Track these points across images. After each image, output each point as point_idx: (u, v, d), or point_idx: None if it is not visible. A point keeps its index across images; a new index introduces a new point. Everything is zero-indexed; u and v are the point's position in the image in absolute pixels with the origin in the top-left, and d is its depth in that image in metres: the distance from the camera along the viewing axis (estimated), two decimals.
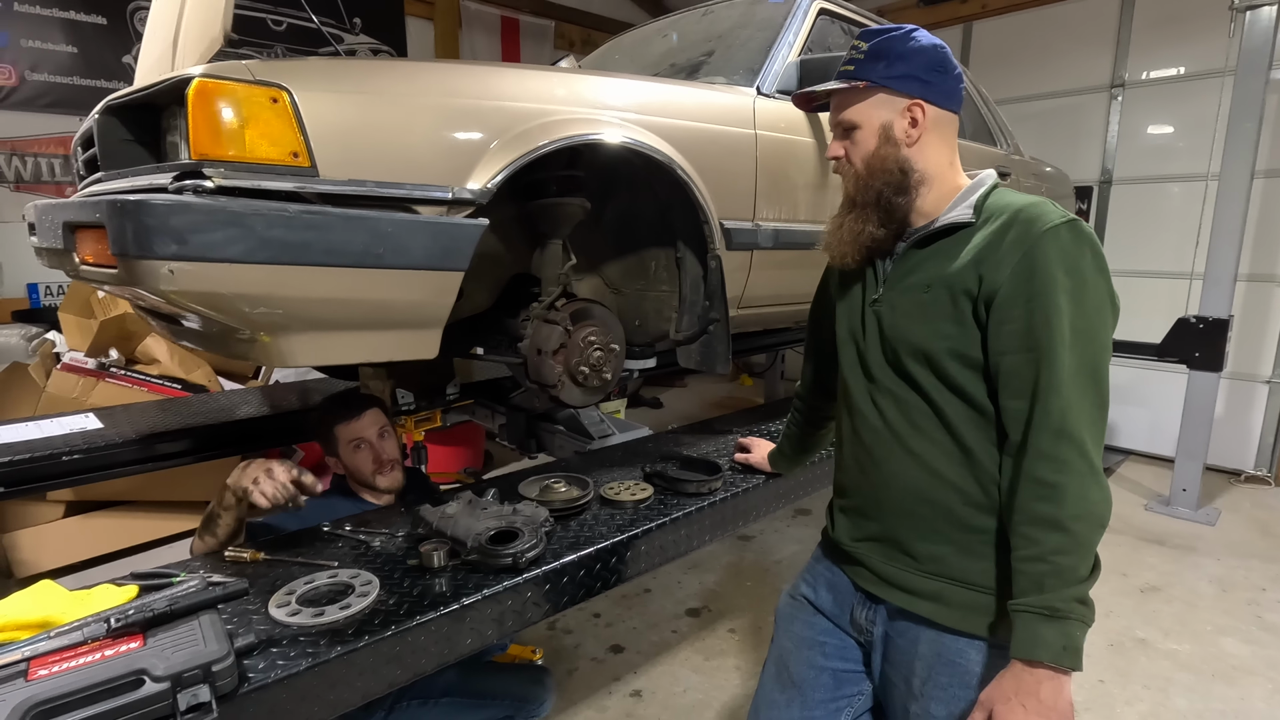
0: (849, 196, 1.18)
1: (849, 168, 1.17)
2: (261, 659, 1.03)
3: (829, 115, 1.21)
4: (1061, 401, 0.96)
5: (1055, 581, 0.94)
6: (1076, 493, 0.94)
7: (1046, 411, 0.96)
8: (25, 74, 4.03)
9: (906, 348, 1.11)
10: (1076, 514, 0.94)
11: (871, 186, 1.13)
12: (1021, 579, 0.97)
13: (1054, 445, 0.96)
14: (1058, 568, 0.94)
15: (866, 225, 1.14)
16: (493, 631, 1.26)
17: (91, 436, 2.06)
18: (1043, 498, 0.96)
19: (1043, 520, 0.96)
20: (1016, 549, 0.99)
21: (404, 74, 1.38)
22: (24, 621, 0.98)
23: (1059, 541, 0.94)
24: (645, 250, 1.99)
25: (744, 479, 1.81)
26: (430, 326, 1.38)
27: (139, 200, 1.03)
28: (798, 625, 1.33)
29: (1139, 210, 4.91)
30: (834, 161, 1.20)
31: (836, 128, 1.18)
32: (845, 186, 1.19)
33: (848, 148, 1.16)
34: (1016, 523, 0.99)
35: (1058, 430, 0.96)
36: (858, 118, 1.13)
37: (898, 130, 1.11)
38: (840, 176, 1.21)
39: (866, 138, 1.13)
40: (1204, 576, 3.24)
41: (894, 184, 1.11)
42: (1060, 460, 0.95)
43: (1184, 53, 4.60)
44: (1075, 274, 0.98)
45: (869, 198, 1.13)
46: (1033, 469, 0.97)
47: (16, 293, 4.14)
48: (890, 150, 1.11)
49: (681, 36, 2.63)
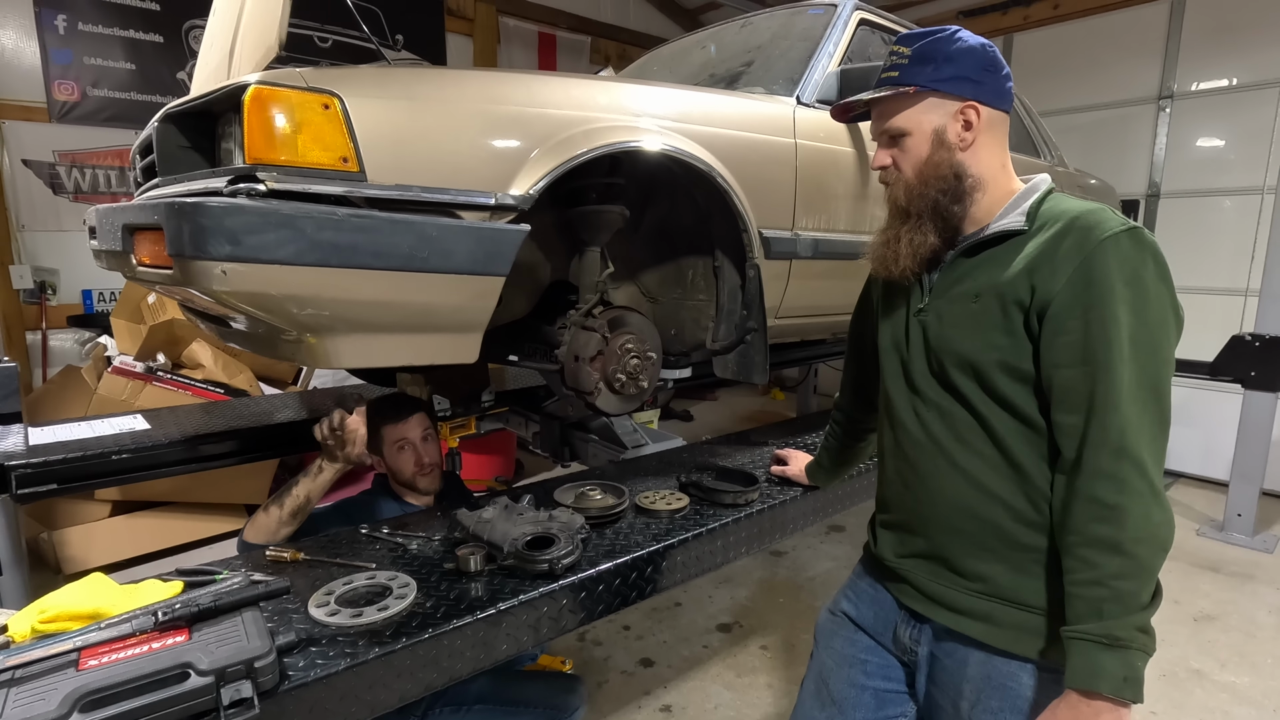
0: (900, 207, 1.13)
1: (899, 176, 1.12)
2: (301, 657, 1.04)
3: (872, 124, 1.17)
4: (1120, 418, 0.91)
5: (1116, 608, 0.89)
6: (1139, 514, 0.90)
7: (1104, 428, 0.92)
8: (87, 90, 4.21)
9: (953, 358, 1.07)
10: (1138, 536, 0.90)
11: (926, 195, 1.09)
12: (1078, 604, 0.93)
13: (1114, 464, 0.91)
14: (1118, 593, 0.90)
15: (927, 236, 1.09)
16: (528, 638, 1.25)
17: (139, 437, 2.12)
18: (1102, 519, 0.92)
19: (1102, 542, 0.91)
20: (1072, 572, 0.94)
21: (450, 81, 1.40)
22: (76, 612, 1.00)
23: (1120, 565, 0.90)
24: (683, 259, 1.99)
25: (781, 491, 1.78)
26: (471, 331, 1.38)
27: (195, 202, 1.06)
28: (838, 642, 1.29)
29: (1188, 224, 4.75)
30: (881, 171, 1.16)
31: (882, 136, 1.14)
32: (894, 196, 1.14)
33: (896, 156, 1.12)
34: (1072, 544, 0.95)
35: (1117, 448, 0.91)
36: (907, 124, 1.09)
37: (951, 134, 1.07)
38: (886, 185, 1.17)
39: (918, 144, 1.09)
40: (1263, 606, 3.08)
41: (950, 190, 1.07)
42: (1120, 480, 0.91)
43: (1236, 63, 4.46)
44: (1136, 284, 0.94)
45: (924, 206, 1.09)
46: (1090, 488, 0.93)
47: (72, 298, 4.30)
48: (945, 155, 1.07)
49: (720, 48, 2.63)
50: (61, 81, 4.14)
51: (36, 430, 2.12)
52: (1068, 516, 0.96)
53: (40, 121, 4.11)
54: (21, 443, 1.97)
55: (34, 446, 1.95)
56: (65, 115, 4.17)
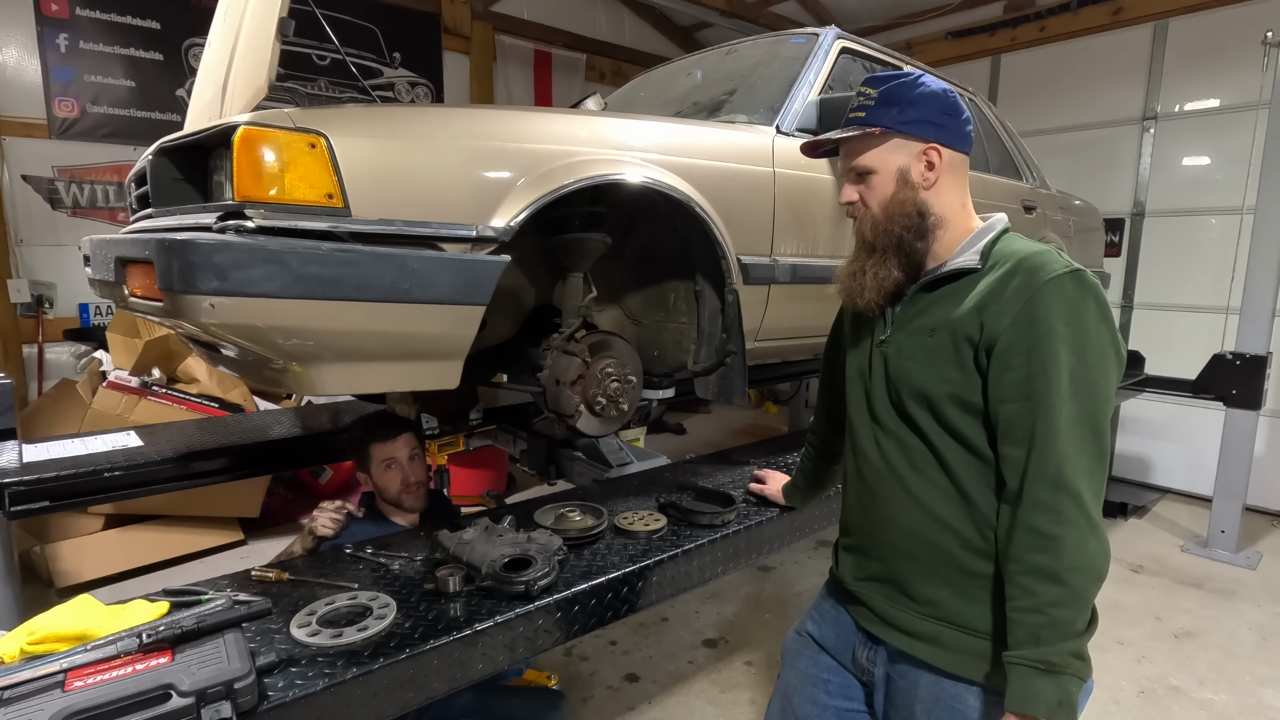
0: (866, 241, 1.17)
1: (865, 212, 1.17)
2: (281, 678, 1.08)
3: (840, 161, 1.22)
4: (1058, 452, 0.96)
5: (1051, 635, 0.94)
6: (1074, 545, 0.95)
7: (1043, 461, 0.97)
8: (87, 107, 4.27)
9: (909, 390, 1.12)
10: (1074, 566, 0.94)
11: (891, 231, 1.13)
12: (1018, 629, 0.97)
13: (1051, 496, 0.96)
14: (1054, 620, 0.94)
15: (891, 270, 1.14)
16: (504, 657, 1.29)
17: (132, 454, 2.15)
18: (1040, 548, 0.96)
19: (1039, 571, 0.96)
20: (1013, 599, 0.99)
21: (435, 119, 1.46)
22: (64, 634, 1.04)
23: (1056, 594, 0.94)
24: (665, 283, 2.03)
25: (758, 512, 1.82)
26: (452, 358, 1.43)
27: (185, 240, 1.10)
28: (803, 662, 1.34)
29: (1173, 243, 4.83)
30: (849, 206, 1.20)
31: (850, 173, 1.19)
32: (860, 231, 1.19)
33: (863, 192, 1.17)
34: (1013, 572, 0.99)
35: (1054, 481, 0.96)
36: (873, 163, 1.14)
37: (915, 174, 1.12)
38: (853, 219, 1.21)
39: (884, 182, 1.14)
40: (1243, 623, 3.12)
41: (914, 227, 1.12)
42: (1058, 511, 0.95)
43: (1218, 85, 4.55)
44: (1077, 324, 0.99)
45: (889, 242, 1.14)
46: (1030, 519, 0.97)
47: (69, 312, 4.35)
48: (909, 194, 1.12)
49: (705, 74, 2.70)
50: (62, 98, 4.20)
51: (30, 446, 2.16)
52: (1010, 545, 1.00)
53: (40, 138, 4.17)
54: (16, 459, 2.01)
55: (28, 463, 1.99)
56: (65, 131, 4.23)
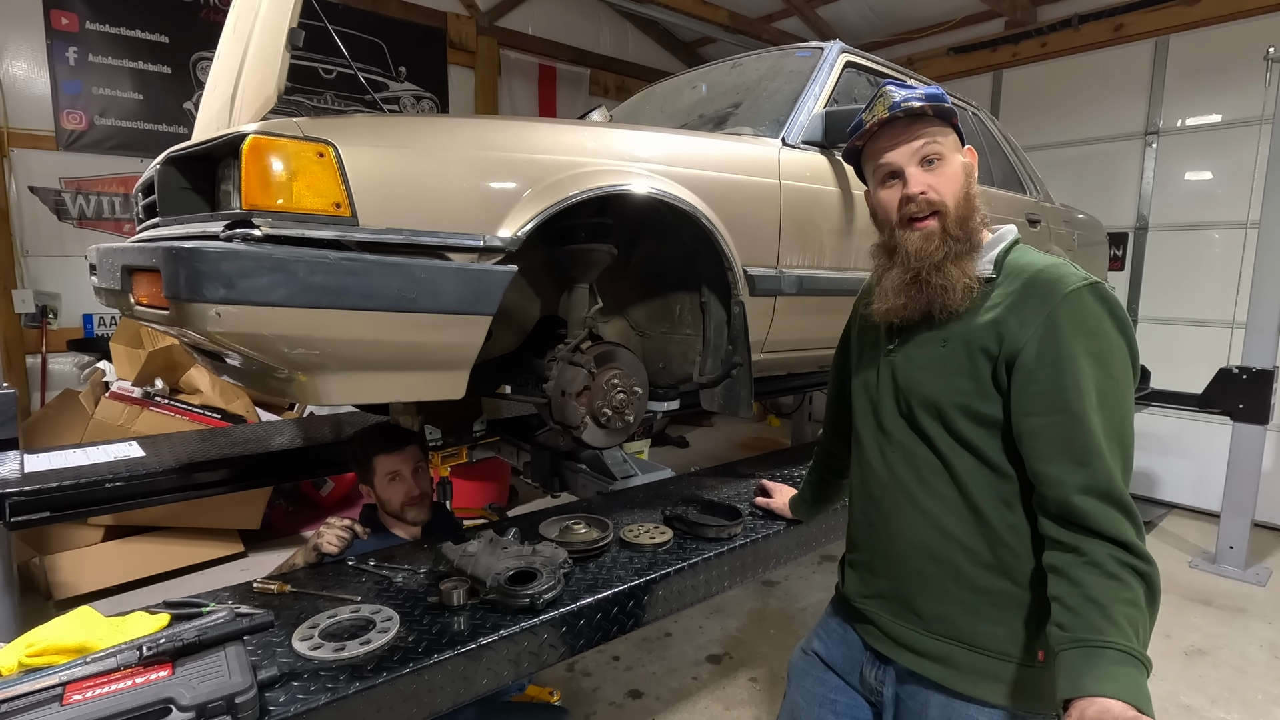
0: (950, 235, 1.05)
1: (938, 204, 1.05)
2: (283, 692, 1.06)
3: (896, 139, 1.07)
4: (1106, 465, 0.94)
5: (1146, 632, 0.89)
6: (1145, 551, 0.93)
7: (1094, 475, 0.94)
8: (95, 119, 4.30)
9: (919, 399, 1.10)
10: (1153, 571, 0.92)
11: (969, 227, 1.06)
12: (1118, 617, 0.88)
13: (1105, 510, 0.93)
14: (1146, 617, 0.90)
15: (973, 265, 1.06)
16: (509, 672, 1.27)
17: (134, 464, 2.14)
18: (1116, 557, 0.92)
19: (1129, 568, 0.91)
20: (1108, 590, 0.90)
21: (443, 129, 1.46)
22: (63, 646, 1.02)
23: (1146, 594, 0.91)
24: (670, 294, 2.03)
25: (765, 525, 1.80)
26: (458, 368, 1.42)
27: (192, 247, 1.10)
28: (809, 681, 1.31)
29: (1177, 257, 4.82)
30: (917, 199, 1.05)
31: (911, 158, 1.06)
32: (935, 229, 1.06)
33: (932, 182, 1.05)
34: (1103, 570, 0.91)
35: (1105, 493, 0.94)
36: (943, 148, 1.06)
37: (969, 171, 1.09)
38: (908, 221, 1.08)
39: (953, 170, 1.06)
40: (1254, 640, 3.08)
41: (977, 226, 1.08)
42: (1119, 522, 0.93)
43: (1220, 100, 4.57)
44: (1100, 336, 0.98)
45: (965, 235, 1.06)
46: (1097, 525, 0.93)
47: (73, 322, 4.35)
48: (975, 189, 1.08)
49: (711, 88, 2.71)
50: (70, 111, 4.23)
51: (32, 457, 2.15)
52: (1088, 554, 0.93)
53: (48, 149, 4.20)
54: (17, 469, 2.00)
55: (29, 474, 1.98)
56: (72, 143, 4.25)
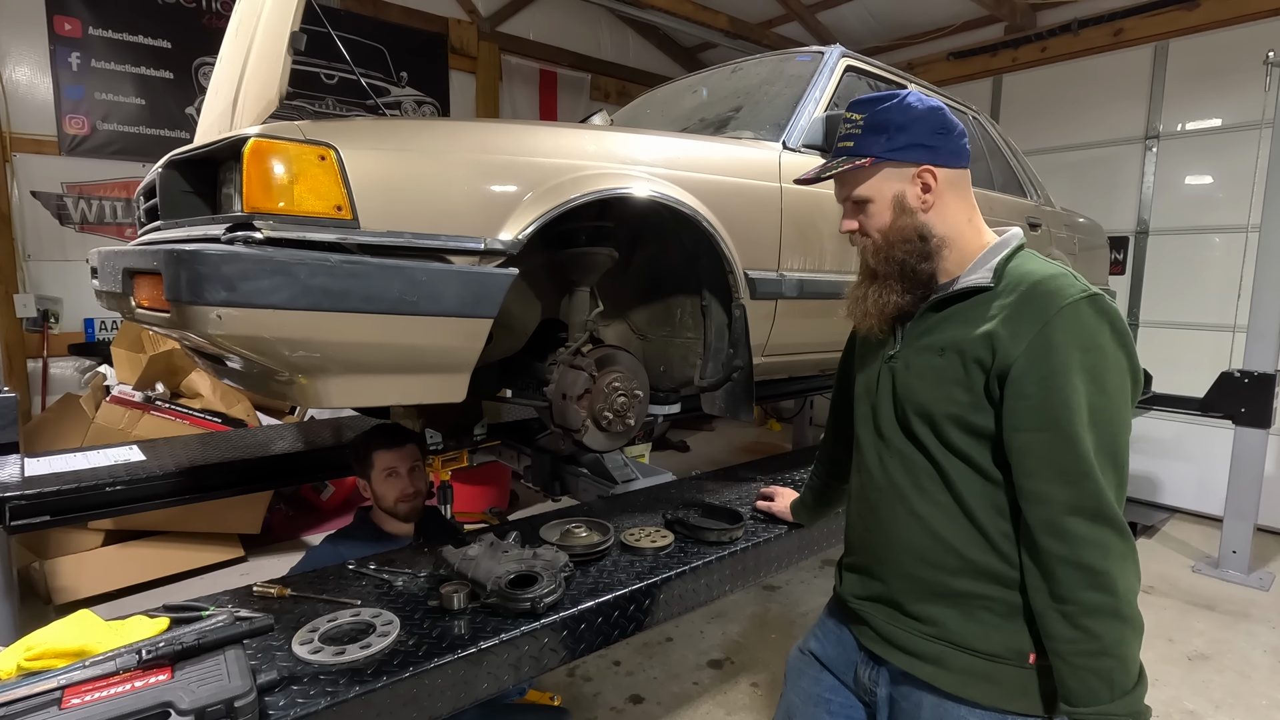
0: (869, 267, 1.16)
1: (866, 240, 1.15)
2: (282, 696, 1.05)
3: (836, 191, 1.20)
4: (1094, 484, 0.94)
5: (1125, 679, 0.92)
6: (1125, 577, 0.93)
7: (1081, 494, 0.94)
8: (97, 124, 4.32)
9: (914, 407, 1.10)
10: (1129, 600, 0.93)
11: (893, 257, 1.11)
12: (1088, 677, 0.93)
13: (1093, 530, 0.93)
14: (1125, 660, 0.92)
15: (891, 295, 1.12)
16: (509, 676, 1.26)
17: (134, 468, 2.14)
18: (1095, 585, 0.93)
19: (1100, 610, 0.92)
20: (1074, 642, 0.94)
21: (444, 132, 1.46)
22: (62, 649, 1.01)
23: (1120, 632, 0.92)
24: (671, 298, 2.03)
25: (766, 529, 1.79)
26: (459, 371, 1.42)
27: (194, 250, 1.10)
28: (805, 681, 1.32)
29: (1178, 261, 4.82)
30: (850, 234, 1.18)
31: (845, 203, 1.17)
32: (863, 257, 1.17)
33: (862, 221, 1.15)
34: (1069, 614, 0.95)
35: (1094, 513, 0.93)
36: (868, 193, 1.12)
37: (911, 199, 1.10)
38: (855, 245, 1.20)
39: (880, 210, 1.12)
40: (1258, 645, 3.06)
41: (916, 251, 1.10)
42: (1104, 546, 0.93)
43: (1220, 105, 4.58)
44: (1095, 351, 0.96)
45: (891, 268, 1.12)
46: (1076, 554, 0.94)
47: (74, 326, 4.36)
48: (907, 220, 1.10)
49: (711, 92, 2.72)
50: (73, 116, 4.25)
51: (32, 460, 2.14)
52: (1054, 584, 0.96)
53: (50, 154, 4.21)
54: (17, 473, 2.00)
55: (29, 478, 1.98)
56: (75, 148, 4.27)
